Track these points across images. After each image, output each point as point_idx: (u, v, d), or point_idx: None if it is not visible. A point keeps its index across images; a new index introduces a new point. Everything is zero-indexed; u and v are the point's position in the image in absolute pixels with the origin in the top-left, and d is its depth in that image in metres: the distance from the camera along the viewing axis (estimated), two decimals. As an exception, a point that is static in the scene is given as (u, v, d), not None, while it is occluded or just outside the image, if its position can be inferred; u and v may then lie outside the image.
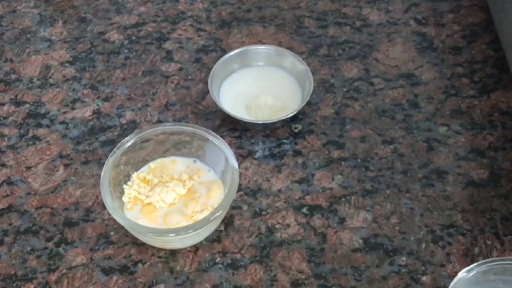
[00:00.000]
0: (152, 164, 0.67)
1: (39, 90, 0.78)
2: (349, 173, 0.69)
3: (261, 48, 0.77)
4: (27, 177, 0.70)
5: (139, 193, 0.64)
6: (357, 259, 0.62)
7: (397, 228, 0.65)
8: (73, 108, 0.76)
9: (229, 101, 0.74)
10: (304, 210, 0.66)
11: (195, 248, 0.64)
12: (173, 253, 0.64)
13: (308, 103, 0.74)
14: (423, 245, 0.63)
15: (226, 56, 0.76)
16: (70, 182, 0.69)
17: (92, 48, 0.82)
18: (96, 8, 0.87)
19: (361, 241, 0.64)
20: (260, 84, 0.75)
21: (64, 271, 0.63)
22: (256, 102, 0.74)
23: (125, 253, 0.64)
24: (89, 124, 0.74)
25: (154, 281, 0.62)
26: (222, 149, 0.64)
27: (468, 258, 0.62)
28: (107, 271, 0.62)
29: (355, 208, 0.66)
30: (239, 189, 0.67)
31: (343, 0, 0.86)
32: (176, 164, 0.67)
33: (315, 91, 0.76)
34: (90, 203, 0.67)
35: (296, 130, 0.73)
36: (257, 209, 0.66)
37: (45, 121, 0.74)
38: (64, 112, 0.75)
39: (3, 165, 0.71)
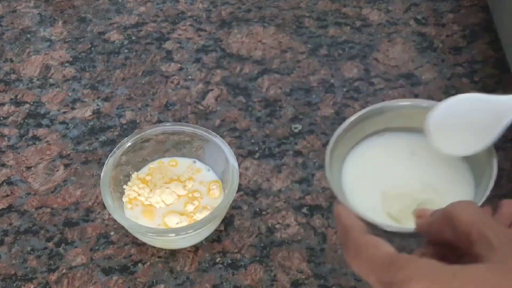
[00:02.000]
0: (152, 165, 0.67)
1: (39, 90, 0.78)
2: (349, 173, 0.69)
3: (406, 104, 0.54)
4: (27, 177, 0.70)
5: (139, 195, 0.64)
6: (357, 259, 0.62)
7: (397, 228, 0.64)
8: (73, 108, 0.76)
9: (355, 183, 0.52)
10: (304, 210, 0.66)
11: (195, 248, 0.64)
12: (173, 253, 0.64)
13: (308, 103, 0.74)
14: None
15: (354, 118, 0.54)
16: (70, 182, 0.69)
17: (92, 48, 0.82)
18: (96, 8, 0.87)
19: (361, 241, 0.64)
20: (406, 163, 0.52)
21: (64, 271, 0.63)
22: (398, 191, 0.50)
23: (125, 253, 0.64)
24: (89, 124, 0.74)
25: (154, 281, 0.62)
26: (222, 149, 0.64)
27: (468, 258, 0.62)
28: (107, 271, 0.62)
29: (355, 208, 0.66)
30: (239, 189, 0.67)
31: (343, 0, 0.86)
32: (177, 164, 0.67)
33: (315, 91, 0.76)
34: (90, 203, 0.67)
35: (296, 130, 0.73)
36: (257, 209, 0.66)
37: (45, 121, 0.74)
38: (64, 112, 0.75)
39: (3, 165, 0.71)
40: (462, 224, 0.39)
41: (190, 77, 0.78)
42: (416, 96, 0.75)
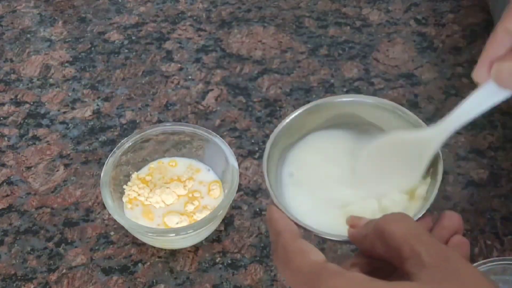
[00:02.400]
0: (152, 165, 0.67)
1: (39, 90, 0.78)
2: (349, 173, 0.69)
3: (347, 99, 0.49)
4: (27, 177, 0.70)
5: (138, 195, 0.64)
6: (357, 259, 0.62)
7: (397, 228, 0.64)
8: (73, 108, 0.76)
9: (295, 183, 0.48)
10: (304, 210, 0.66)
11: (195, 248, 0.64)
12: (173, 253, 0.64)
13: (308, 103, 0.74)
14: (423, 245, 0.63)
15: (293, 115, 0.48)
16: (70, 182, 0.69)
17: (92, 48, 0.82)
18: (96, 8, 0.87)
19: (361, 241, 0.64)
20: (343, 163, 0.48)
21: (64, 271, 0.63)
22: (335, 193, 0.47)
23: (125, 253, 0.64)
24: (89, 124, 0.74)
25: (154, 281, 0.62)
26: (222, 149, 0.64)
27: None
28: (107, 271, 0.62)
29: (355, 208, 0.66)
30: (239, 189, 0.67)
31: (343, 0, 0.86)
32: (176, 165, 0.67)
33: (315, 91, 0.76)
34: (90, 203, 0.67)
35: (296, 130, 0.72)
36: (257, 209, 0.66)
37: (45, 121, 0.74)
38: (64, 112, 0.75)
39: (3, 165, 0.71)
40: (394, 239, 0.37)
41: (190, 77, 0.78)
42: (416, 96, 0.76)
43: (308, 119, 0.48)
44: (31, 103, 0.76)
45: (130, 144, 0.65)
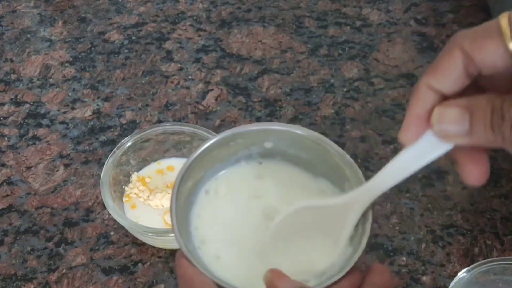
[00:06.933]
0: (152, 167, 0.67)
1: (39, 90, 0.78)
2: (349, 173, 0.69)
3: (254, 128, 0.43)
4: (27, 177, 0.70)
5: (138, 197, 0.64)
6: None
7: (397, 228, 0.65)
8: (73, 108, 0.76)
9: (207, 230, 0.41)
10: (304, 210, 0.66)
11: (195, 248, 0.64)
12: (173, 253, 0.64)
13: (308, 103, 0.74)
14: (423, 245, 0.63)
15: (200, 150, 0.42)
16: (70, 182, 0.69)
17: (92, 48, 0.82)
18: (96, 8, 0.87)
19: (361, 241, 0.64)
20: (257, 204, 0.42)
21: (64, 271, 0.63)
22: (247, 240, 0.42)
23: (125, 253, 0.64)
24: (89, 124, 0.74)
25: (154, 281, 0.62)
26: (222, 149, 0.64)
27: (468, 258, 0.62)
28: (107, 271, 0.62)
29: (355, 208, 0.66)
30: (239, 189, 0.67)
31: (343, 0, 0.86)
32: (175, 170, 0.67)
33: (315, 91, 0.76)
34: (90, 203, 0.67)
35: (296, 130, 0.72)
36: (257, 209, 0.66)
37: (45, 121, 0.74)
38: (64, 112, 0.75)
39: (3, 165, 0.71)
40: None
41: (190, 77, 0.78)
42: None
43: (221, 151, 0.42)
44: (31, 103, 0.76)
45: (130, 144, 0.65)
